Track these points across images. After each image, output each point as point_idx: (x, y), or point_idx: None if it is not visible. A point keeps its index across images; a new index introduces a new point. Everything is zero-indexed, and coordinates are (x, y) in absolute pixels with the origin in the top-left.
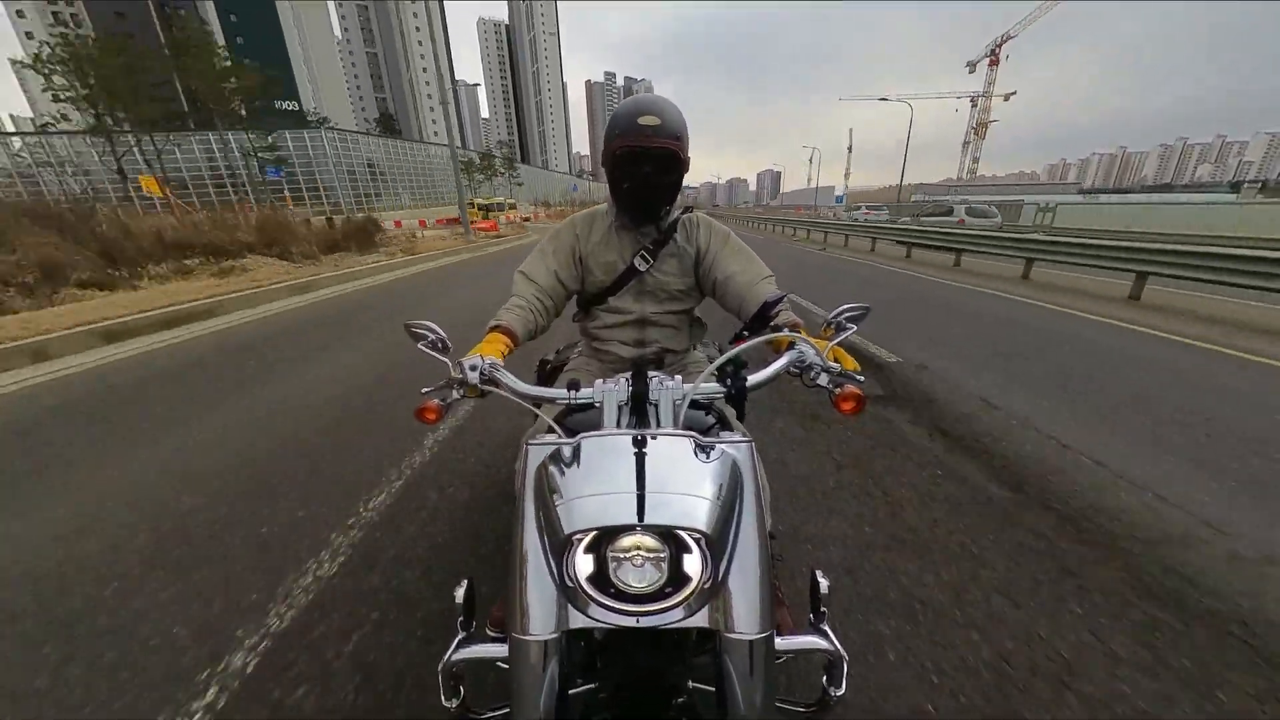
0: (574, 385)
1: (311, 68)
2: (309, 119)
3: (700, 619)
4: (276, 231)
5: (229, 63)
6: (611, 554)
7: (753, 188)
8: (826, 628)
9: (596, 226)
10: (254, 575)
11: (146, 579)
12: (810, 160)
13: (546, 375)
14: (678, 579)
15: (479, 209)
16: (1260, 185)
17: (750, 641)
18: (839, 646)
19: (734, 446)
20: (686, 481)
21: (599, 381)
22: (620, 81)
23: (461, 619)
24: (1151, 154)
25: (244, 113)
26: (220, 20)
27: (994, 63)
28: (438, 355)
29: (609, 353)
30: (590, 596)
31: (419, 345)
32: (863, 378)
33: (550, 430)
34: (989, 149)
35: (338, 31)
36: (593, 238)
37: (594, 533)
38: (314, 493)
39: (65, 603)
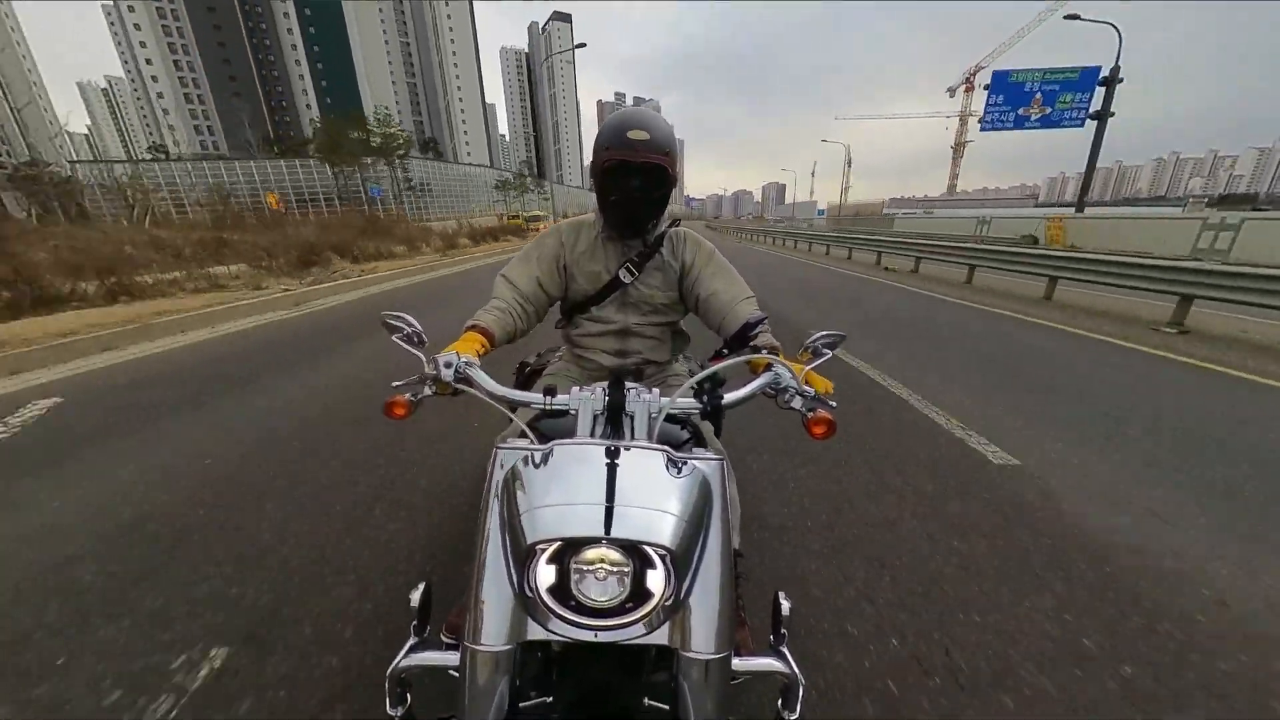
0: (550, 391)
1: (374, 99)
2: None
3: (660, 636)
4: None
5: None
6: (575, 565)
7: (757, 199)
8: (786, 650)
9: (583, 236)
10: None
11: None
12: (812, 174)
13: (526, 378)
14: (640, 595)
15: (523, 219)
16: (1207, 200)
17: (707, 661)
18: (797, 671)
19: (706, 463)
20: (656, 496)
21: (575, 389)
22: (629, 101)
23: (415, 623)
24: (1146, 167)
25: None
26: (309, 65)
27: (969, 89)
28: (412, 349)
29: (590, 360)
30: (550, 609)
31: (393, 338)
32: (835, 403)
33: (523, 435)
34: (994, 161)
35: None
36: (578, 247)
37: (558, 543)
38: None
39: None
